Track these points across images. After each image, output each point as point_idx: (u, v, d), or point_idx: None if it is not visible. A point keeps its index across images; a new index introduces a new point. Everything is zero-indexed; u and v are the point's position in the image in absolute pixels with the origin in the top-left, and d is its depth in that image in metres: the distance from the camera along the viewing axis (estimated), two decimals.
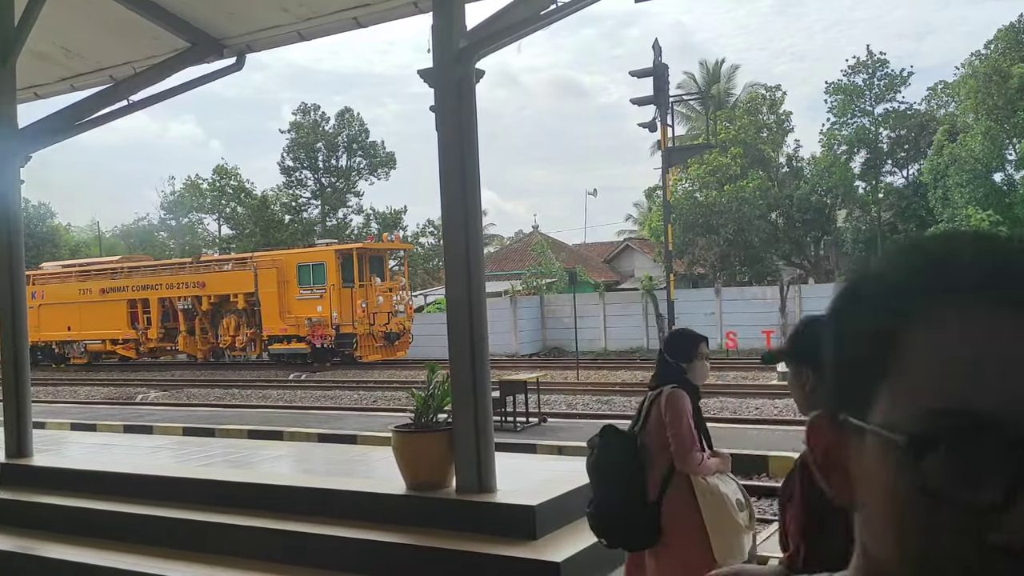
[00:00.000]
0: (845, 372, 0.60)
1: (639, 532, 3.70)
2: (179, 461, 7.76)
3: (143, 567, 5.64)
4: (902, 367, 0.55)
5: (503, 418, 12.47)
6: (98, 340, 33.36)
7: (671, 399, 3.73)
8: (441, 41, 5.73)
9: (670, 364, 3.86)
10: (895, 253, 0.61)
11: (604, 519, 3.78)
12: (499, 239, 57.26)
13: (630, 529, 3.71)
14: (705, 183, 34.96)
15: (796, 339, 2.56)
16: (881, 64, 34.33)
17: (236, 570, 5.46)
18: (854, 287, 0.63)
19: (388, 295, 28.92)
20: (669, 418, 3.70)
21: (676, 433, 3.68)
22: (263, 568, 5.43)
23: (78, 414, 16.94)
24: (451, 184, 5.74)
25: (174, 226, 52.75)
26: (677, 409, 3.70)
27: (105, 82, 7.88)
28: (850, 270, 0.63)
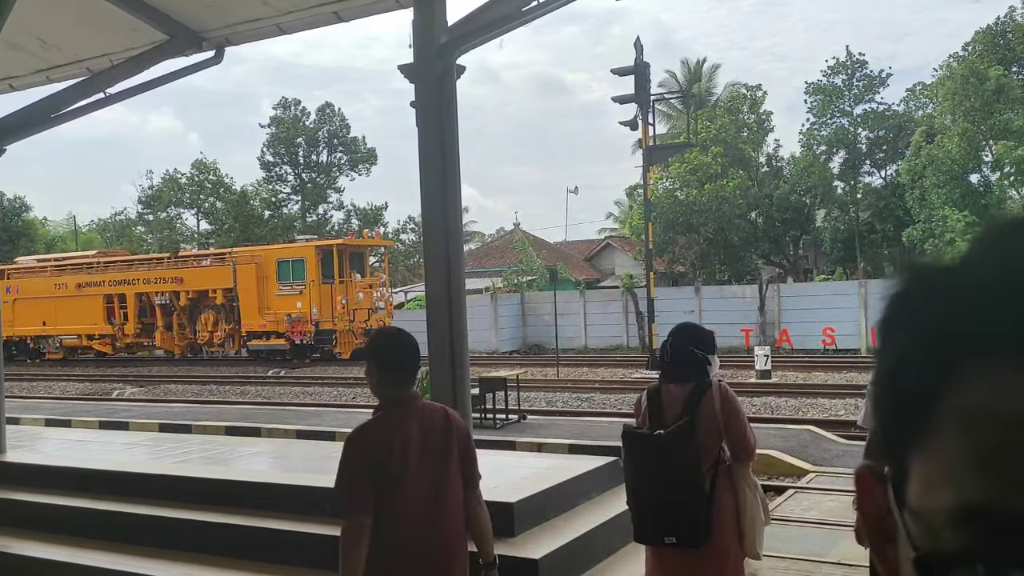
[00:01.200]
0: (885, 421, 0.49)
1: (704, 525, 3.60)
2: (155, 458, 7.70)
3: (118, 564, 5.59)
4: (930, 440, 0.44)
5: (483, 415, 12.46)
6: (74, 335, 33.04)
7: (729, 393, 3.74)
8: (422, 36, 5.70)
9: (698, 356, 3.84)
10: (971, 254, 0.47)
11: (675, 516, 3.63)
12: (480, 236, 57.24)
13: (698, 524, 3.60)
14: (686, 182, 35.10)
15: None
16: (860, 65, 34.62)
17: (212, 567, 5.43)
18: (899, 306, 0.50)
19: (368, 292, 28.83)
20: (732, 412, 3.69)
21: (743, 427, 3.68)
22: (239, 565, 5.40)
23: (53, 410, 16.76)
24: (431, 180, 5.72)
25: (152, 221, 52.31)
26: (738, 403, 3.72)
27: (82, 74, 7.78)
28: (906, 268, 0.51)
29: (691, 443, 3.64)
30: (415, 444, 3.13)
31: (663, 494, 3.62)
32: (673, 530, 3.61)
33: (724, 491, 3.67)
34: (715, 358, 3.95)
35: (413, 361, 3.28)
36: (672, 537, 3.62)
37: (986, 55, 30.79)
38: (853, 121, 35.18)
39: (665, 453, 3.64)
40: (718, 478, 3.68)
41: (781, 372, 20.32)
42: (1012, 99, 29.84)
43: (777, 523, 6.89)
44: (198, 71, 7.45)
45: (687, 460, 3.62)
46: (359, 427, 3.23)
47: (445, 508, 3.20)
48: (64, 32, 7.32)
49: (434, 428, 3.19)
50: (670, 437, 3.65)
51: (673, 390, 3.78)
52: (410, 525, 3.08)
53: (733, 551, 3.65)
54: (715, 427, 3.67)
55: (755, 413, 14.33)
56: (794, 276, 37.74)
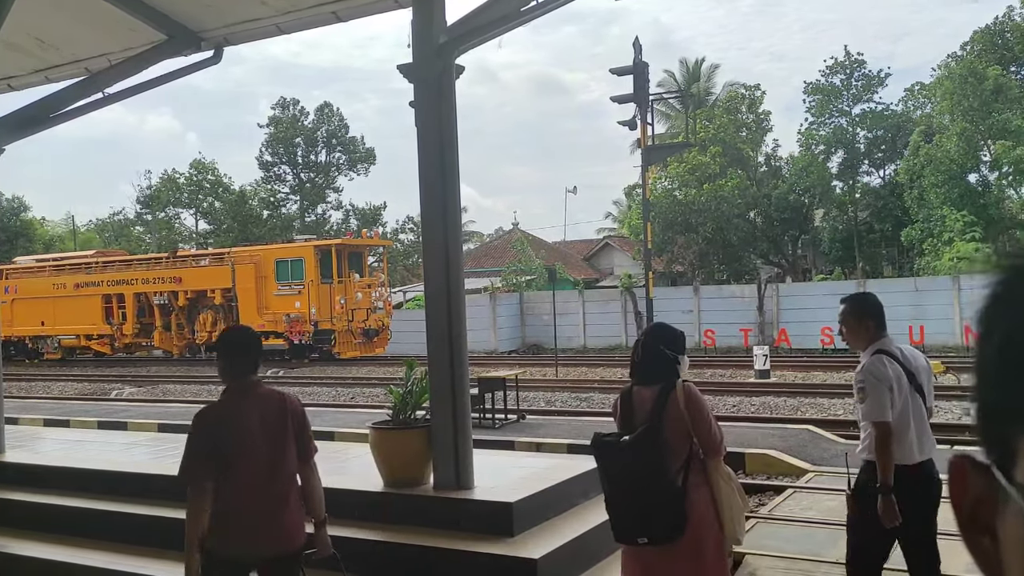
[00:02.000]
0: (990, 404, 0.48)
1: (677, 522, 3.70)
2: (154, 458, 7.69)
3: (118, 564, 5.59)
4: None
5: (481, 415, 12.46)
6: (72, 335, 33.00)
7: (693, 392, 3.84)
8: (421, 36, 5.70)
9: (668, 357, 3.90)
10: None
11: (648, 517, 3.72)
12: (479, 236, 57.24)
13: (671, 519, 3.70)
14: (684, 182, 35.12)
15: None
16: (858, 65, 34.66)
17: None
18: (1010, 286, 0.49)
19: (367, 291, 28.82)
20: (696, 411, 3.78)
21: (707, 425, 3.78)
22: None
23: (52, 410, 16.74)
24: (430, 180, 5.72)
25: (150, 221, 52.28)
26: (702, 401, 3.84)
27: (80, 74, 7.78)
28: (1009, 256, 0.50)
29: (656, 445, 3.72)
30: (253, 423, 3.77)
31: (634, 496, 3.72)
32: (646, 530, 3.70)
33: (697, 487, 3.75)
34: (684, 359, 3.99)
35: (255, 352, 4.01)
36: (644, 538, 3.71)
37: (984, 55, 30.82)
38: (851, 121, 35.22)
39: (631, 456, 3.73)
40: (690, 474, 3.75)
41: (780, 372, 20.33)
42: (1010, 99, 29.87)
43: (776, 523, 6.89)
44: (197, 71, 7.45)
45: (654, 462, 3.71)
46: (205, 407, 4.00)
47: (278, 477, 3.83)
48: (63, 32, 7.31)
49: (271, 409, 3.84)
50: (635, 441, 3.73)
51: (643, 392, 3.86)
52: (246, 491, 3.74)
53: (710, 543, 3.73)
54: (682, 427, 3.75)
55: (754, 412, 14.34)
56: (793, 276, 37.76)
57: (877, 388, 4.14)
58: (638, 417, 3.82)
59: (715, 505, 3.77)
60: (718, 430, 3.83)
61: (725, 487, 3.78)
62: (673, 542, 3.68)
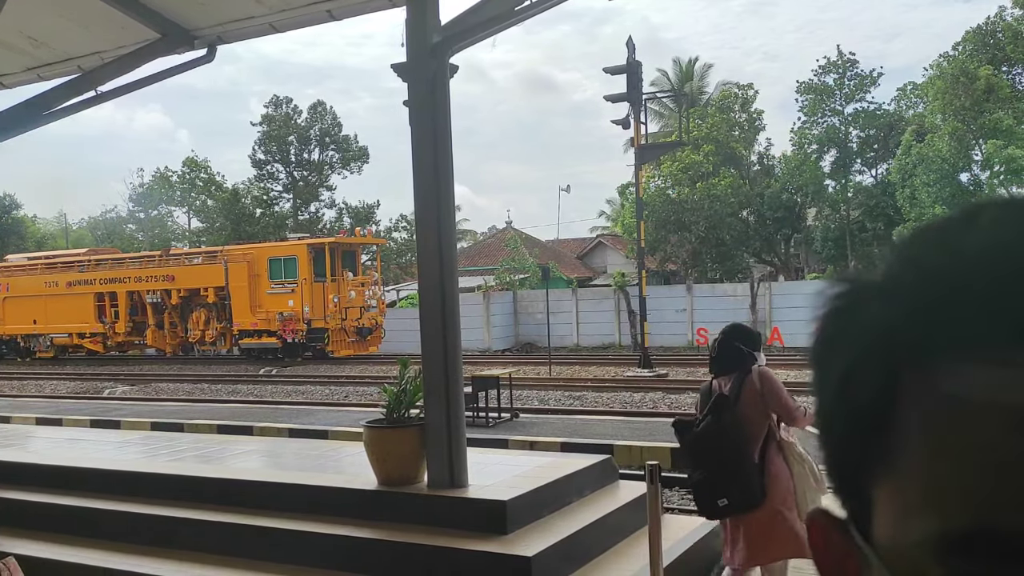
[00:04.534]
0: (834, 447, 0.43)
1: (754, 493, 4.16)
2: (147, 456, 7.68)
3: (111, 563, 5.58)
4: (898, 461, 0.38)
5: (475, 414, 12.46)
6: (65, 334, 32.90)
7: (766, 374, 4.32)
8: (415, 35, 5.71)
9: (744, 352, 4.37)
10: (894, 256, 0.42)
11: (721, 485, 4.17)
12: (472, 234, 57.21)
13: (747, 490, 4.15)
14: (678, 180, 35.16)
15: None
16: (851, 64, 34.73)
17: (205, 566, 5.42)
18: (838, 322, 0.44)
19: (360, 290, 28.80)
20: (771, 390, 4.25)
21: (782, 399, 4.23)
22: (232, 564, 5.40)
23: (44, 408, 16.69)
24: (424, 179, 5.73)
25: (143, 219, 52.11)
26: (776, 381, 4.29)
27: (73, 72, 7.75)
28: (836, 282, 0.46)
29: (729, 419, 4.20)
30: None
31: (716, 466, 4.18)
32: (726, 493, 4.18)
33: (774, 463, 4.22)
34: (760, 354, 4.48)
35: None
36: (724, 500, 4.19)
37: (976, 55, 30.93)
38: (844, 120, 35.31)
39: (707, 437, 4.23)
40: (768, 452, 4.23)
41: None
42: (1002, 98, 29.99)
43: None
44: (190, 69, 7.43)
45: (730, 436, 4.19)
46: None
47: None
48: (55, 30, 7.29)
49: None
50: (709, 411, 4.25)
51: (721, 383, 4.39)
52: None
53: (783, 513, 4.16)
54: (759, 408, 4.25)
55: None
56: (785, 274, 37.86)
57: None
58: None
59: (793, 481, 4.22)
60: (794, 404, 4.24)
61: (797, 467, 4.21)
62: (754, 509, 4.17)
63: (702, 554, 5.72)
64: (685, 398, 16.16)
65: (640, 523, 5.29)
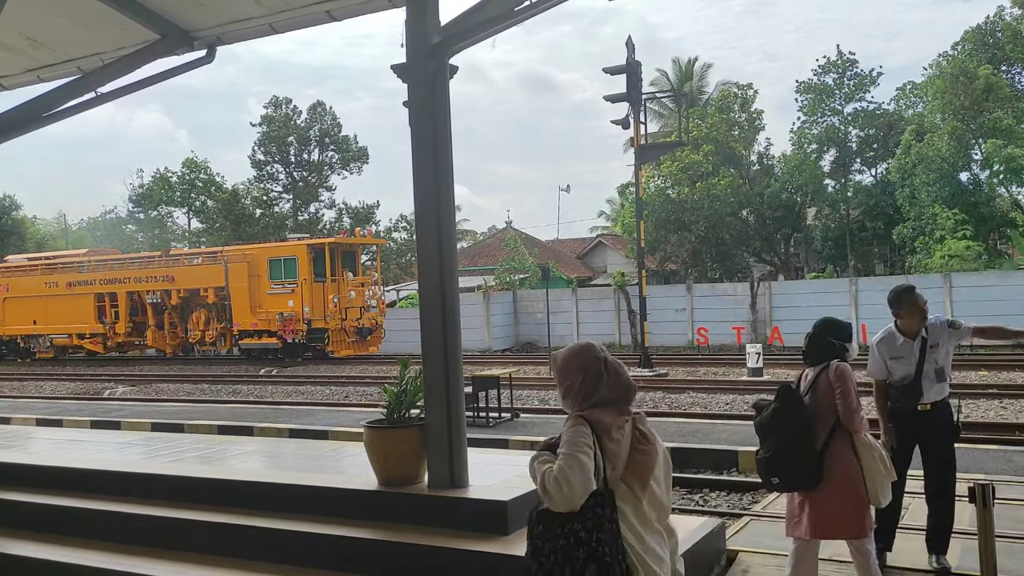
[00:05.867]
0: None
1: (805, 475, 4.48)
2: (148, 457, 7.68)
3: (111, 564, 5.58)
4: None
5: (475, 414, 12.48)
6: (65, 334, 32.91)
7: (842, 371, 4.54)
8: (414, 36, 5.71)
9: (834, 344, 4.65)
10: None
11: (776, 464, 4.55)
12: (472, 234, 57.23)
13: (797, 472, 4.50)
14: (677, 180, 35.17)
15: None
16: (850, 64, 34.74)
17: (205, 566, 5.42)
18: None
19: (360, 290, 28.81)
20: (840, 386, 4.48)
21: (846, 398, 4.46)
22: (232, 565, 5.39)
23: (44, 409, 16.70)
24: (424, 179, 5.73)
25: (143, 219, 52.10)
26: (847, 379, 4.50)
27: (73, 73, 7.75)
28: None
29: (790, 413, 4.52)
30: None
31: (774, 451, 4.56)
32: (778, 473, 4.57)
33: (841, 451, 4.47)
34: (852, 345, 4.75)
35: None
36: (775, 478, 4.60)
37: (975, 54, 30.94)
38: (844, 120, 35.32)
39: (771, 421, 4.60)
40: (834, 440, 4.48)
41: (772, 369, 20.38)
42: (1001, 98, 29.99)
43: (769, 520, 6.92)
44: (190, 70, 7.42)
45: (789, 426, 4.50)
46: None
47: None
48: (55, 31, 7.29)
49: None
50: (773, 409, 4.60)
51: (809, 373, 4.72)
52: None
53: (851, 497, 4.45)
54: (829, 399, 4.51)
55: (747, 411, 14.37)
56: (785, 274, 37.87)
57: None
58: (801, 391, 4.68)
59: (861, 469, 4.46)
60: (855, 409, 4.47)
61: (866, 456, 4.46)
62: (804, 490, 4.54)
63: (703, 554, 5.72)
64: (685, 398, 16.16)
65: None
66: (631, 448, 2.73)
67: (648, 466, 2.72)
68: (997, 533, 3.55)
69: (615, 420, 2.75)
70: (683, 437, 10.84)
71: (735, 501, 8.52)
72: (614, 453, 2.69)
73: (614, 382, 2.81)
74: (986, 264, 28.36)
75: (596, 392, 2.80)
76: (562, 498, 2.58)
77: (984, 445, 9.61)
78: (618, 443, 2.71)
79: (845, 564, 5.62)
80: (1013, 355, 21.48)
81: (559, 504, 2.60)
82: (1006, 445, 9.77)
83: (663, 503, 2.76)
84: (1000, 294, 23.88)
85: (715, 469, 9.77)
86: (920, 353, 5.32)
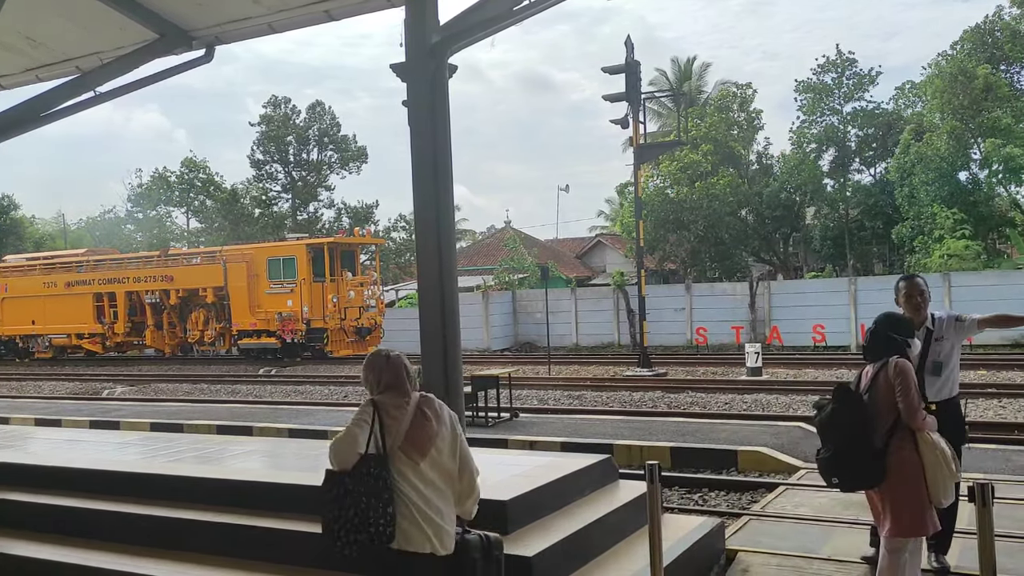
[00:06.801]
0: None
1: (867, 475, 4.48)
2: (147, 457, 7.67)
3: (110, 564, 5.58)
4: None
5: (475, 413, 12.48)
6: (63, 334, 32.89)
7: (902, 368, 4.49)
8: (414, 35, 5.71)
9: (895, 340, 4.60)
10: None
11: (837, 465, 4.54)
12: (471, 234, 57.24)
13: (859, 472, 4.49)
14: (676, 180, 35.17)
15: None
16: (850, 63, 34.74)
17: (204, 566, 5.42)
18: None
19: (359, 290, 28.80)
20: (900, 383, 4.43)
21: (906, 396, 4.41)
22: (232, 564, 5.39)
23: (43, 409, 16.69)
24: (423, 179, 5.73)
25: (141, 219, 52.07)
26: (908, 377, 4.45)
27: (72, 73, 7.74)
28: None
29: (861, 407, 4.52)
30: None
31: (834, 450, 4.55)
32: (837, 474, 4.56)
33: (901, 448, 4.43)
34: (914, 341, 4.78)
35: None
36: (836, 479, 4.58)
37: (974, 53, 30.94)
38: (843, 119, 35.32)
39: (829, 421, 4.60)
40: (894, 438, 4.44)
41: (771, 369, 20.39)
42: (1000, 97, 30.00)
43: (769, 520, 6.92)
44: (188, 70, 7.42)
45: (847, 426, 4.49)
46: None
47: None
48: (53, 31, 7.28)
49: None
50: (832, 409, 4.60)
51: (869, 369, 4.68)
52: None
53: (907, 495, 4.41)
54: (890, 396, 4.46)
55: (746, 410, 14.38)
56: (784, 273, 37.87)
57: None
58: (860, 387, 4.64)
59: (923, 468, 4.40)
60: (917, 400, 4.43)
61: (928, 455, 4.39)
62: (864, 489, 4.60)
63: (702, 554, 5.72)
64: (685, 397, 16.17)
65: (640, 523, 5.29)
66: (411, 424, 3.55)
67: (424, 438, 3.55)
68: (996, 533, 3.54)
69: (394, 401, 3.61)
70: (682, 437, 10.84)
71: (734, 501, 8.52)
72: (393, 427, 3.54)
73: (392, 375, 3.70)
74: (985, 263, 28.36)
75: (380, 382, 3.69)
76: (335, 459, 3.55)
77: (983, 444, 9.62)
78: (397, 420, 3.55)
79: (846, 564, 5.63)
80: (1012, 354, 21.50)
81: (334, 463, 3.56)
82: (1005, 444, 9.78)
83: (447, 468, 3.61)
84: (999, 293, 23.89)
85: (714, 469, 9.77)
86: (923, 344, 5.26)
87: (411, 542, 3.55)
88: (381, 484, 3.46)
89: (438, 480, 3.60)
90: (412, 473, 3.53)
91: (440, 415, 3.67)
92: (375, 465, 3.48)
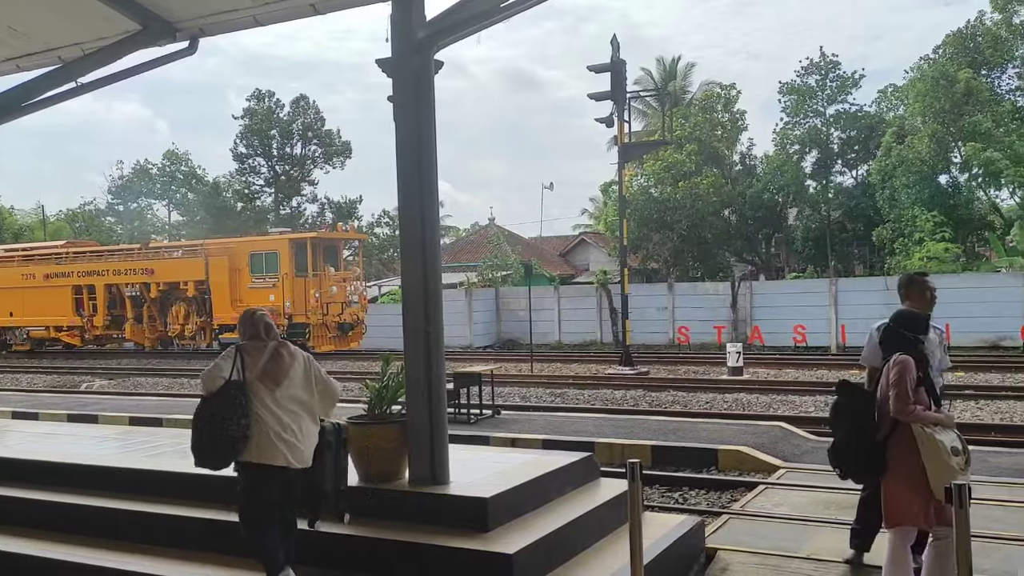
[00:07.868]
0: None
1: (867, 467, 4.69)
2: (125, 451, 7.62)
3: (86, 558, 5.54)
4: None
5: (457, 410, 12.47)
6: (41, 327, 32.57)
7: (898, 361, 4.60)
8: (400, 31, 5.69)
9: (904, 336, 4.71)
10: None
11: (840, 455, 4.81)
12: (455, 231, 57.20)
13: (859, 464, 4.73)
14: (660, 179, 35.27)
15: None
16: (833, 66, 34.95)
17: (183, 562, 5.39)
18: None
19: (342, 285, 28.68)
20: (894, 376, 4.56)
21: (896, 387, 4.54)
22: (214, 560, 5.37)
23: (20, 402, 16.53)
24: (408, 175, 5.71)
25: (122, 211, 51.62)
26: (900, 369, 4.58)
27: (53, 63, 7.65)
28: None
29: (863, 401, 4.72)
30: None
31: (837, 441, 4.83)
32: (841, 464, 4.81)
33: (900, 442, 4.55)
34: (928, 337, 4.88)
35: None
36: (839, 469, 4.83)
37: (956, 58, 31.19)
38: (826, 121, 35.53)
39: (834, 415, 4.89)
40: (896, 431, 4.56)
41: (752, 369, 20.51)
42: (981, 101, 30.27)
43: (748, 518, 6.97)
44: (172, 62, 7.35)
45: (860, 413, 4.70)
46: None
47: None
48: (35, 20, 7.20)
49: None
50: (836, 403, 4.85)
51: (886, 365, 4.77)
52: None
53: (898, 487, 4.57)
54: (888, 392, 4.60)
55: (727, 409, 14.46)
56: (766, 274, 38.07)
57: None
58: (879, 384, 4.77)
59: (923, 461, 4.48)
60: (904, 392, 4.50)
61: (925, 446, 4.46)
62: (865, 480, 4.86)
63: (682, 551, 5.75)
64: (666, 396, 16.23)
65: (621, 520, 5.31)
66: (268, 360, 4.78)
67: (279, 370, 4.80)
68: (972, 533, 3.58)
69: (255, 345, 4.84)
70: (663, 435, 10.88)
71: (714, 499, 8.57)
72: (252, 363, 4.75)
73: (253, 327, 4.91)
74: (964, 266, 28.64)
75: (245, 333, 4.92)
76: (204, 384, 4.72)
77: None
78: (255, 357, 4.76)
79: (825, 563, 5.67)
80: (989, 356, 21.73)
81: (203, 390, 4.73)
82: (982, 446, 9.87)
83: (300, 396, 4.87)
84: (978, 295, 24.14)
85: (695, 467, 9.82)
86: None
87: (263, 454, 4.65)
88: (238, 402, 4.61)
89: (292, 404, 4.79)
90: (269, 398, 4.71)
91: (294, 355, 4.92)
92: (235, 388, 4.64)
